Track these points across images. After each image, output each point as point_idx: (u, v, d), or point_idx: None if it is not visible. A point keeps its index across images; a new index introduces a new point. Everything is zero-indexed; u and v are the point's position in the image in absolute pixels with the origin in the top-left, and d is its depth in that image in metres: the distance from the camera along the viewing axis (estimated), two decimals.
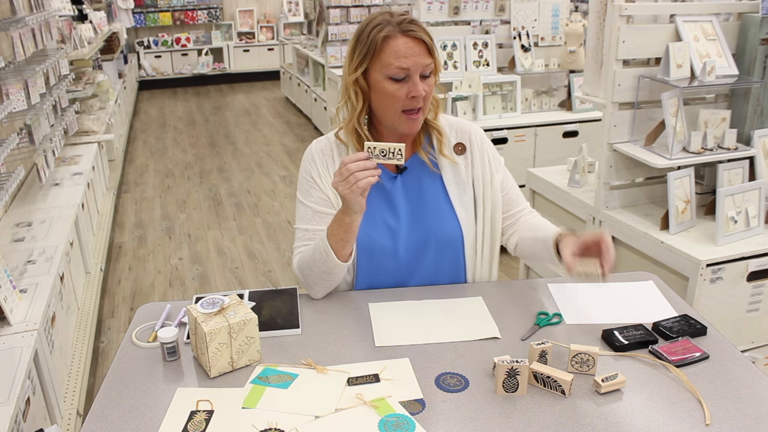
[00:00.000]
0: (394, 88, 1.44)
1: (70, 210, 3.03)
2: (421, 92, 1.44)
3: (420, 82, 1.44)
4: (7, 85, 2.67)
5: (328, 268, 1.48)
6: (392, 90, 1.44)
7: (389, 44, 1.42)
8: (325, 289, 1.55)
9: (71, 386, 2.44)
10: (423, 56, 1.43)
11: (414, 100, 1.45)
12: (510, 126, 3.82)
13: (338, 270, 1.50)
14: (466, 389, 1.22)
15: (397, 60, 1.42)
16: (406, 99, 1.45)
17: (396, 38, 1.42)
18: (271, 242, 4.21)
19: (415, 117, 1.48)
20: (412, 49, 1.42)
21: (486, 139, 1.67)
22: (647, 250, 2.35)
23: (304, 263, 1.53)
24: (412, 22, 1.44)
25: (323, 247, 1.46)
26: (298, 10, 9.77)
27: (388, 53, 1.43)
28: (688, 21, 2.40)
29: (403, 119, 1.48)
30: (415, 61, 1.42)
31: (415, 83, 1.43)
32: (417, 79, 1.44)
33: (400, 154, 1.34)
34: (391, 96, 1.45)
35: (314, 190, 1.59)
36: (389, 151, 1.35)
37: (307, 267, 1.53)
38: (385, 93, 1.45)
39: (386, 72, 1.44)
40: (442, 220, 1.58)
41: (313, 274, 1.52)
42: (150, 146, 6.64)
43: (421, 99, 1.45)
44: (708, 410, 1.15)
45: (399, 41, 1.42)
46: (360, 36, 1.47)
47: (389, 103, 1.47)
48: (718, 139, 2.40)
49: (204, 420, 1.15)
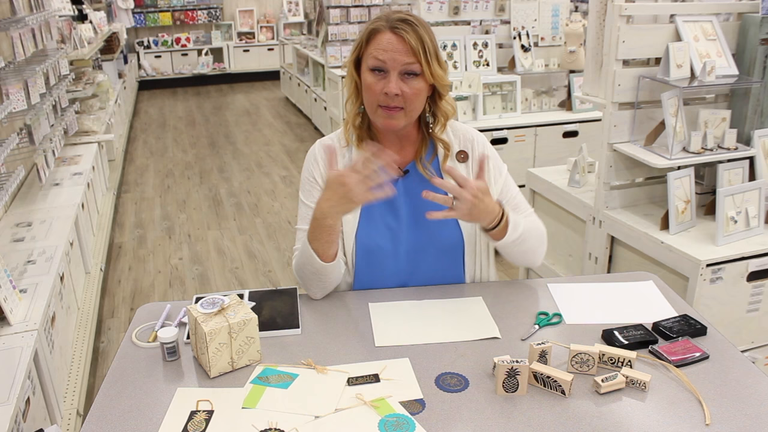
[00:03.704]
0: (372, 80, 1.46)
1: (70, 210, 3.03)
2: (393, 90, 1.44)
3: (398, 81, 1.44)
4: (7, 85, 2.67)
5: (316, 270, 1.49)
6: (370, 82, 1.47)
7: (376, 37, 1.46)
8: (322, 290, 1.55)
9: (71, 386, 2.44)
10: (403, 54, 1.43)
11: (386, 96, 1.45)
12: (510, 126, 3.82)
13: (328, 270, 1.50)
14: (466, 389, 1.22)
15: (376, 51, 1.45)
16: (381, 94, 1.46)
17: (383, 33, 1.45)
18: (271, 242, 4.21)
19: (390, 113, 1.48)
20: (393, 45, 1.43)
21: (488, 146, 1.66)
22: (647, 250, 2.35)
23: (298, 266, 1.55)
24: (405, 22, 1.45)
25: (306, 250, 1.48)
26: (298, 10, 9.77)
27: (372, 45, 1.46)
28: (688, 21, 2.40)
29: (379, 113, 1.49)
30: (393, 56, 1.43)
31: (390, 80, 1.44)
32: (393, 76, 1.44)
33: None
34: (368, 88, 1.47)
35: (316, 190, 1.59)
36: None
37: (300, 269, 1.54)
38: (365, 84, 1.48)
39: (368, 63, 1.47)
40: (442, 225, 1.58)
41: (306, 276, 1.53)
42: (150, 146, 6.64)
43: (396, 98, 1.45)
44: (708, 410, 1.15)
45: (385, 36, 1.45)
46: (361, 30, 1.52)
47: (367, 96, 1.49)
48: (718, 139, 2.40)
49: (204, 420, 1.15)
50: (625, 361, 1.26)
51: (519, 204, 1.65)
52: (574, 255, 2.83)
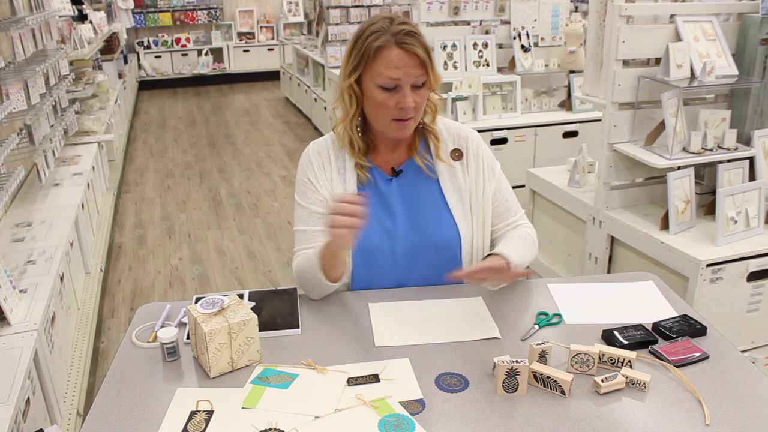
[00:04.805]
0: (384, 97, 1.45)
1: (70, 210, 3.03)
2: (410, 104, 1.44)
3: (410, 93, 1.45)
4: (7, 85, 2.67)
5: (317, 282, 1.50)
6: (382, 99, 1.46)
7: (382, 54, 1.43)
8: (320, 295, 1.56)
9: (71, 386, 2.44)
10: (415, 68, 1.43)
11: (403, 111, 1.46)
12: (510, 126, 3.82)
13: (331, 288, 1.53)
14: (466, 389, 1.22)
15: (388, 70, 1.43)
16: (396, 109, 1.46)
17: (390, 49, 1.43)
18: (271, 242, 4.21)
19: (404, 124, 1.49)
20: (404, 61, 1.42)
21: (483, 145, 1.67)
22: (647, 250, 2.35)
23: (301, 271, 1.55)
24: (409, 34, 1.43)
25: (315, 263, 1.48)
26: (298, 10, 9.76)
27: (380, 63, 1.44)
28: (688, 21, 2.40)
29: (393, 126, 1.50)
30: (406, 72, 1.43)
31: (405, 94, 1.44)
32: (407, 90, 1.44)
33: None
34: (380, 104, 1.46)
35: (311, 191, 1.59)
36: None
37: (302, 275, 1.54)
38: (375, 101, 1.47)
39: (377, 81, 1.45)
40: (439, 223, 1.58)
41: (308, 283, 1.54)
42: (150, 146, 6.64)
43: (411, 110, 1.46)
44: (708, 410, 1.15)
45: (393, 52, 1.43)
46: (357, 41, 1.48)
47: (379, 111, 1.48)
48: (718, 139, 2.40)
49: (204, 420, 1.15)
50: (625, 361, 1.26)
51: (510, 205, 1.66)
52: (574, 255, 2.83)
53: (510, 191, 1.68)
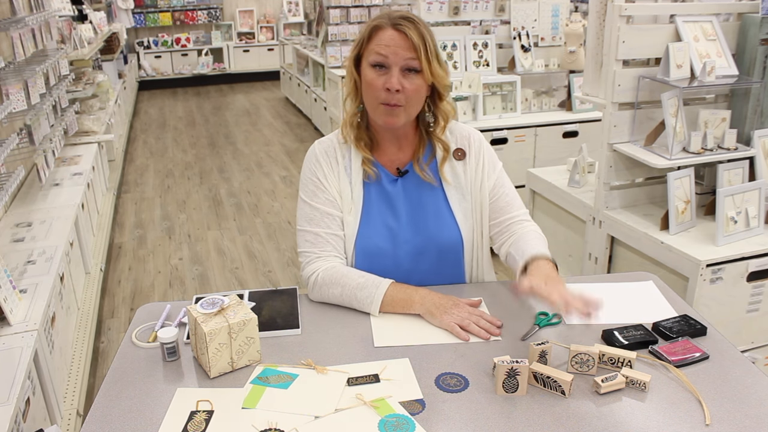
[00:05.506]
0: (374, 76, 1.47)
1: (70, 210, 3.03)
2: (395, 85, 1.45)
3: (399, 76, 1.45)
4: (7, 85, 2.67)
5: (354, 306, 1.50)
6: (371, 78, 1.47)
7: (378, 33, 1.47)
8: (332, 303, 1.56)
9: (71, 386, 2.44)
10: (406, 50, 1.45)
11: (389, 93, 1.46)
12: (510, 126, 3.82)
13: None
14: (466, 389, 1.22)
15: (378, 47, 1.46)
16: (383, 90, 1.46)
17: (385, 29, 1.47)
18: (271, 242, 4.21)
19: (391, 109, 1.48)
20: (395, 41, 1.45)
21: (485, 143, 1.67)
22: (647, 250, 2.35)
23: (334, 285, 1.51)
24: (406, 19, 1.47)
25: (371, 297, 1.48)
26: (298, 10, 9.77)
27: (374, 41, 1.48)
28: (688, 21, 2.40)
29: (381, 110, 1.50)
30: (395, 51, 1.45)
31: (392, 74, 1.45)
32: (395, 71, 1.45)
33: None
34: (370, 84, 1.48)
35: (320, 191, 1.58)
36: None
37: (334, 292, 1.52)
38: (366, 81, 1.49)
39: (369, 59, 1.48)
40: (441, 226, 1.58)
41: (335, 299, 1.52)
42: (150, 146, 6.64)
43: (397, 94, 1.46)
44: (708, 410, 1.15)
45: (386, 32, 1.46)
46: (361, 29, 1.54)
47: (369, 92, 1.50)
48: (718, 140, 2.40)
49: (204, 420, 1.15)
50: (625, 362, 1.26)
51: (511, 201, 1.65)
52: (574, 255, 2.83)
53: (512, 188, 1.67)
